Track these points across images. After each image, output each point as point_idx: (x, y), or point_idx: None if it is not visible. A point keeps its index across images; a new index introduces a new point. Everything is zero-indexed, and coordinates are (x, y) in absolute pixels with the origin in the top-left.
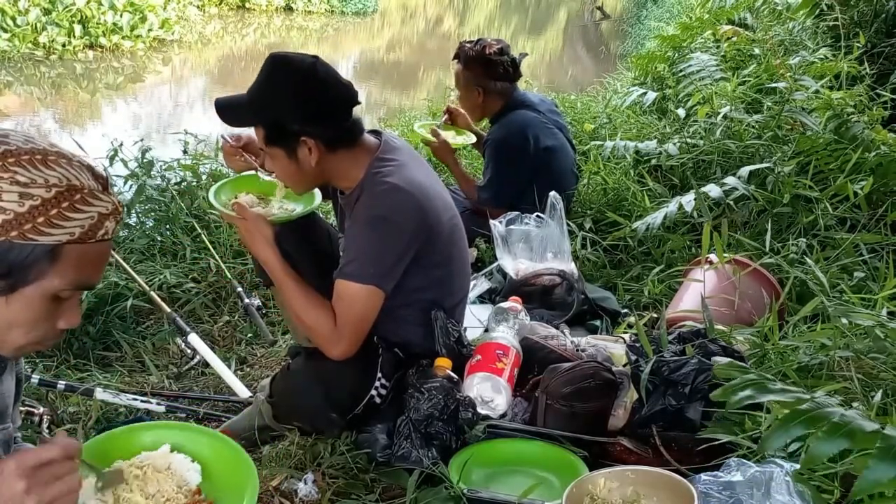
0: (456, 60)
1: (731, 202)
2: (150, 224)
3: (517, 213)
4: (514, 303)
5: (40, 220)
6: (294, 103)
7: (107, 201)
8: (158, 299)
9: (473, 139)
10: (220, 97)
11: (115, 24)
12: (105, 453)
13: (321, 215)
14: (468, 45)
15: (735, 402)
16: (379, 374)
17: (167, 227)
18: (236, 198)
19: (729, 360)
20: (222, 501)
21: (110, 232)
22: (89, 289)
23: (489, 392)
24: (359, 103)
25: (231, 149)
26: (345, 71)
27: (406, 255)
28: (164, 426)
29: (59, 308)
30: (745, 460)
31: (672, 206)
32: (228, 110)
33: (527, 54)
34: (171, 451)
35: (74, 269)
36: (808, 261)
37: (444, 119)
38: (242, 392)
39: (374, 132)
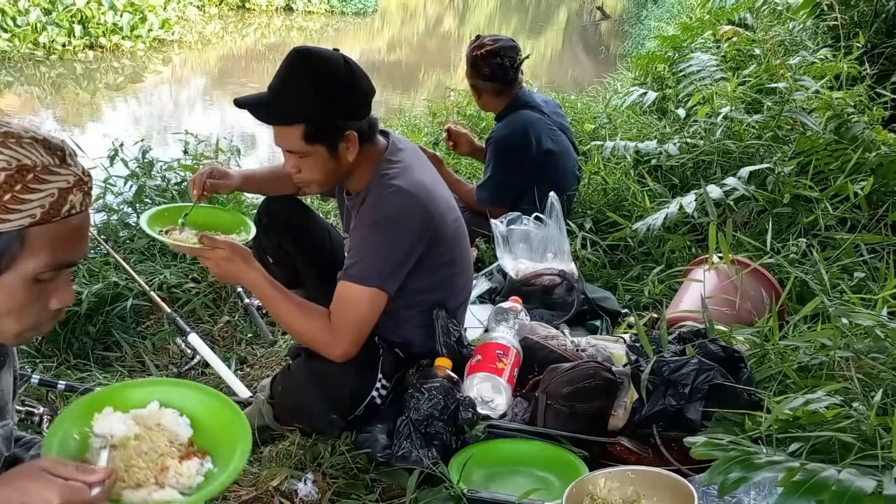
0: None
1: (732, 202)
2: None
3: (517, 213)
4: (514, 303)
5: None
6: (337, 99)
7: (66, 174)
8: (158, 299)
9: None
10: (241, 98)
11: (115, 24)
12: (90, 413)
13: (321, 215)
14: (472, 42)
15: (728, 486)
16: (380, 375)
17: None
18: (166, 233)
19: (704, 439)
20: (215, 452)
21: (78, 205)
22: (71, 266)
23: (489, 392)
24: (375, 94)
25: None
26: None
27: (411, 257)
28: (152, 383)
29: (46, 289)
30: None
31: (673, 208)
32: (265, 110)
33: (528, 55)
34: (161, 407)
35: (48, 250)
36: (809, 261)
37: (443, 139)
38: (242, 392)
39: (382, 132)
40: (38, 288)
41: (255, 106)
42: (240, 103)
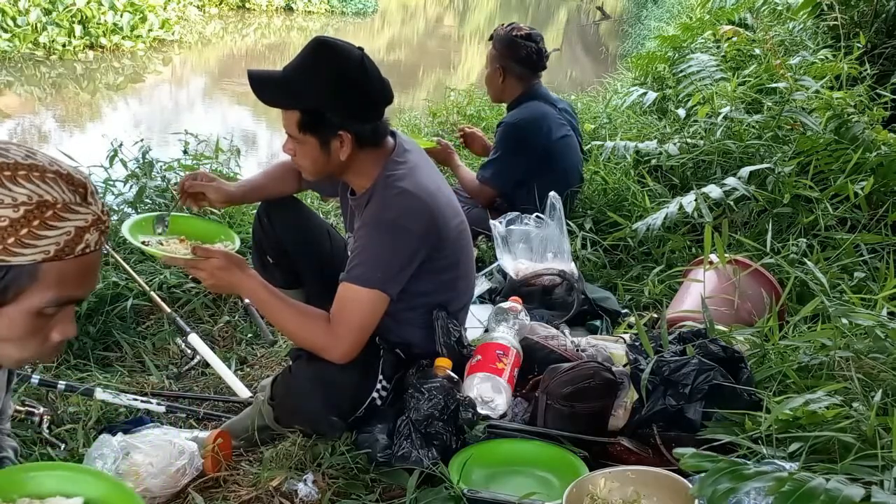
0: (490, 41)
1: (732, 202)
2: None
3: (517, 213)
4: (514, 303)
5: (10, 241)
6: (340, 96)
7: (85, 213)
8: (158, 299)
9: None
10: (254, 70)
11: (115, 24)
12: (7, 489)
13: (321, 215)
14: (502, 27)
15: (719, 497)
16: (380, 377)
17: None
18: (148, 243)
19: (692, 450)
20: None
21: (93, 244)
22: (76, 302)
23: (489, 392)
24: (391, 103)
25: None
26: None
27: (414, 260)
28: (81, 471)
29: (48, 322)
30: (745, 460)
31: (672, 207)
32: (267, 87)
33: (558, 49)
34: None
35: (55, 287)
36: (809, 261)
37: (458, 137)
38: (242, 392)
39: (391, 132)
40: (40, 321)
41: (259, 82)
42: (252, 74)
